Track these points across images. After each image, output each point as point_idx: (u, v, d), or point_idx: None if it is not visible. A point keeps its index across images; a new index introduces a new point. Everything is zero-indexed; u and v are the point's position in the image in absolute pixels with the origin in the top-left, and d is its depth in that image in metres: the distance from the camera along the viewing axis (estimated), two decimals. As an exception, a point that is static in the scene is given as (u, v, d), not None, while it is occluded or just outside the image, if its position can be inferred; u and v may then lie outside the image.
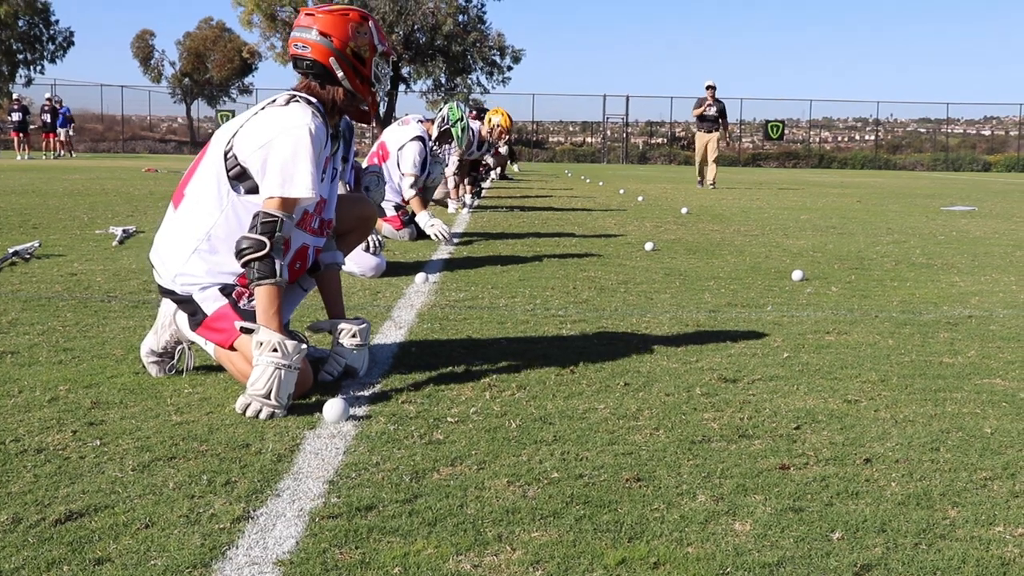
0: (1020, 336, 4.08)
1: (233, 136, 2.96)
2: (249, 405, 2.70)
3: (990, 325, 4.33)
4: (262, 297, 2.83)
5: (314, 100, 3.01)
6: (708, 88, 18.77)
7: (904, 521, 2.03)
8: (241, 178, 2.94)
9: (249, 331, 2.83)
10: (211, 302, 2.97)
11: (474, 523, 1.98)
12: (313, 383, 2.97)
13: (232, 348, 2.93)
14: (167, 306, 3.14)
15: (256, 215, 2.85)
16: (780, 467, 2.36)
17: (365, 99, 3.12)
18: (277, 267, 2.83)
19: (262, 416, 2.68)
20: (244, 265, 2.84)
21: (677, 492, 2.18)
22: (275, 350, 2.76)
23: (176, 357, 3.15)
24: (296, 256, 3.11)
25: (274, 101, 3.00)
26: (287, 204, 2.87)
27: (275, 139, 2.88)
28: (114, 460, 2.31)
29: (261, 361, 2.74)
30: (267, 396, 2.70)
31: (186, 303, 3.02)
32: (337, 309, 3.30)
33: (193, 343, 3.11)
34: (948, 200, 15.68)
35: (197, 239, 2.99)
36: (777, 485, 2.23)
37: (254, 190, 2.92)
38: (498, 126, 11.21)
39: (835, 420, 2.78)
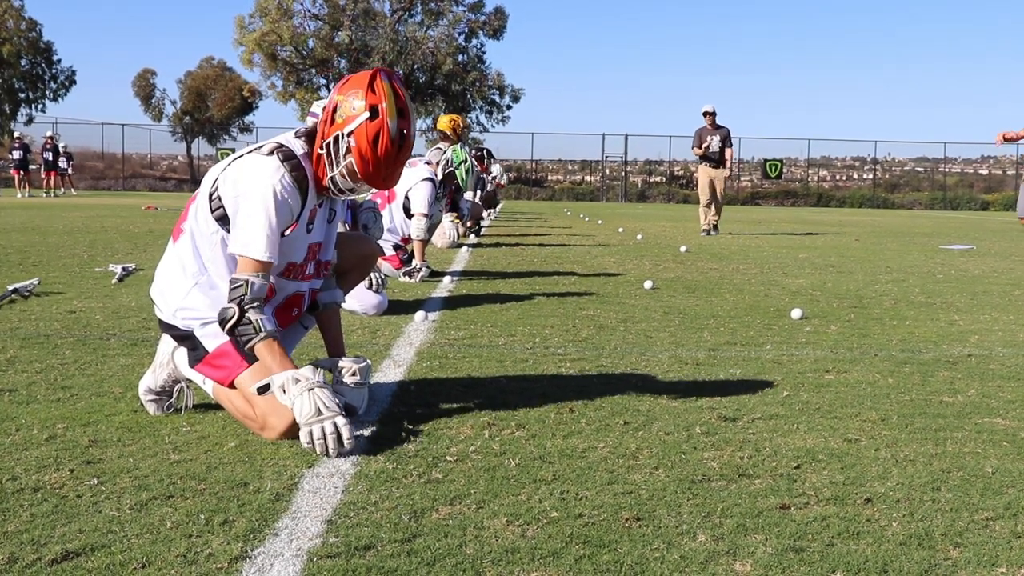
0: (1020, 375, 4.08)
1: (217, 178, 2.98)
2: (311, 432, 2.70)
3: (990, 364, 4.33)
4: (262, 354, 2.85)
5: (299, 152, 2.97)
6: (706, 115, 15.75)
7: (906, 562, 2.02)
8: (223, 221, 2.95)
9: (265, 388, 2.84)
10: (212, 339, 2.97)
11: (473, 563, 1.97)
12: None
13: (231, 386, 2.92)
14: (165, 344, 3.15)
15: (230, 281, 2.87)
16: (780, 507, 2.35)
17: (314, 150, 3.00)
18: (257, 324, 2.82)
19: (328, 432, 2.68)
20: (229, 334, 2.86)
21: (677, 532, 2.16)
22: (297, 381, 2.78)
23: (174, 395, 3.15)
24: (292, 302, 3.12)
25: (260, 147, 2.99)
26: (254, 264, 2.86)
27: (244, 193, 2.89)
28: (111, 499, 2.30)
29: (293, 396, 2.76)
30: (319, 413, 2.71)
31: (186, 339, 3.02)
32: (337, 347, 3.30)
33: (191, 381, 3.11)
34: (946, 239, 15.73)
35: (195, 273, 3.00)
36: (778, 525, 2.22)
37: None
38: (452, 132, 10.92)
39: (835, 459, 2.77)
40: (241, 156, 3.01)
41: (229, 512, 2.23)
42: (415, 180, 7.64)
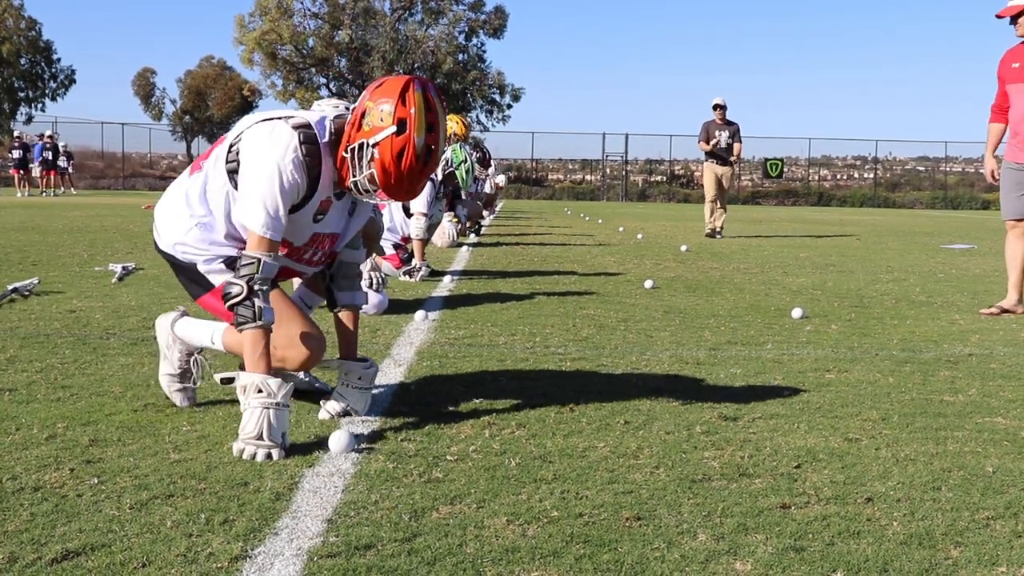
0: (1021, 374, 4.07)
1: (242, 132, 2.93)
2: (244, 450, 2.68)
3: (990, 363, 4.32)
4: (247, 342, 2.79)
5: (324, 140, 2.89)
6: (716, 108, 14.45)
7: (906, 561, 2.02)
8: (233, 174, 2.92)
9: (229, 380, 2.82)
10: (218, 275, 2.97)
11: (473, 562, 1.96)
12: (321, 354, 2.98)
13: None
14: (163, 331, 3.19)
15: (240, 256, 2.83)
16: (781, 506, 2.34)
17: (339, 151, 2.93)
18: (258, 311, 2.77)
19: (259, 458, 2.65)
20: (230, 310, 2.81)
21: (678, 531, 2.16)
22: (260, 391, 2.73)
23: (194, 371, 3.17)
24: (287, 272, 3.10)
25: (291, 118, 2.89)
26: (261, 241, 2.81)
27: (255, 158, 2.83)
28: (111, 498, 2.30)
29: (248, 404, 2.72)
30: (259, 438, 2.67)
31: (186, 270, 3.03)
32: (350, 350, 3.22)
33: (203, 349, 3.11)
34: (947, 238, 15.73)
35: (200, 214, 2.99)
36: (778, 524, 2.22)
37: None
38: (454, 134, 10.94)
39: (836, 459, 2.77)
40: (271, 119, 2.91)
41: (229, 511, 2.23)
42: None
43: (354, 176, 2.89)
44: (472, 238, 12.50)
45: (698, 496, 2.41)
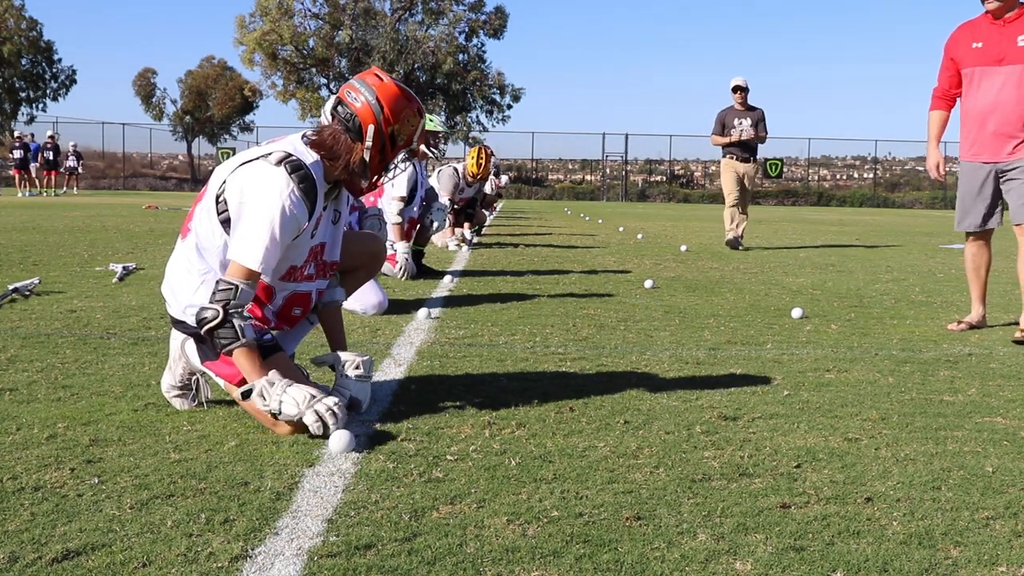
0: (1020, 374, 4.08)
1: (224, 182, 2.97)
2: (316, 411, 2.80)
3: (990, 363, 4.32)
4: (239, 362, 2.89)
5: (309, 161, 2.96)
6: (736, 90, 11.85)
7: (906, 561, 2.02)
8: (227, 224, 2.96)
9: (248, 393, 2.86)
10: None
11: (473, 562, 1.97)
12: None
13: (242, 382, 2.93)
14: (175, 340, 3.17)
15: (217, 282, 2.88)
16: (781, 506, 2.35)
17: (370, 178, 3.10)
18: (239, 330, 2.85)
19: (328, 405, 2.81)
20: (207, 335, 2.87)
21: (678, 531, 2.16)
22: (272, 384, 2.83)
23: (194, 388, 3.19)
24: (293, 302, 3.14)
25: (268, 155, 2.94)
26: (245, 271, 2.87)
27: (249, 202, 2.89)
28: (112, 498, 2.30)
29: (278, 395, 2.82)
30: (313, 397, 2.81)
31: (198, 334, 3.04)
32: (339, 343, 3.33)
33: (205, 373, 3.13)
34: (947, 238, 15.71)
35: (203, 272, 3.01)
36: (778, 524, 2.22)
37: None
38: (467, 172, 11.60)
39: (836, 458, 2.77)
40: (249, 162, 2.97)
41: (230, 511, 2.23)
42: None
43: (387, 170, 3.14)
44: (472, 239, 12.50)
45: (698, 496, 2.41)
